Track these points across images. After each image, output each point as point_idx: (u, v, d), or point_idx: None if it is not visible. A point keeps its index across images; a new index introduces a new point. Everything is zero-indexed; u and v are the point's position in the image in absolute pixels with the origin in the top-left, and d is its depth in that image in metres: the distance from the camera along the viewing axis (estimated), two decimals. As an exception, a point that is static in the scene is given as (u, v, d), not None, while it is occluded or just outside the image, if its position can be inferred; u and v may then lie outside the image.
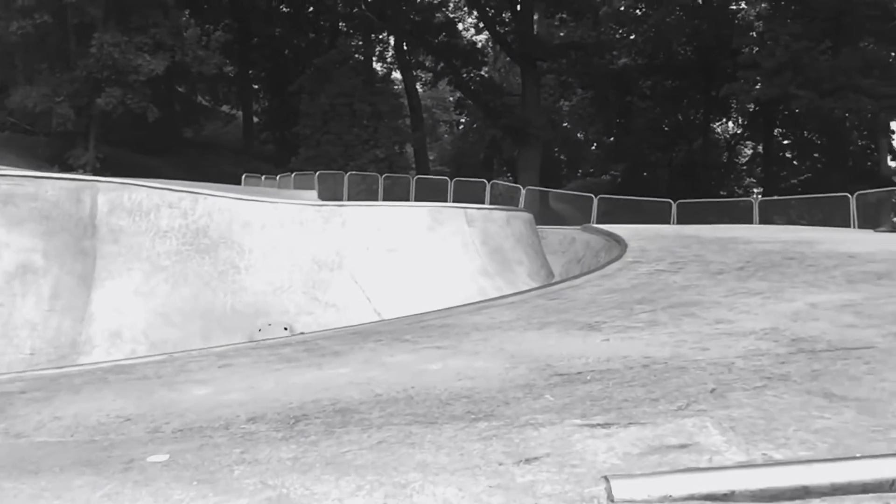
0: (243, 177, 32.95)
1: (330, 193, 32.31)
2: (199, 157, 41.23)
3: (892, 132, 40.26)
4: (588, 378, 2.83)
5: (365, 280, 10.85)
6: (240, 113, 50.13)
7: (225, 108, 52.44)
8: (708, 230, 9.87)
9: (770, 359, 2.99)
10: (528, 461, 1.96)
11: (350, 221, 11.63)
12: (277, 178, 32.64)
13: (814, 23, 30.09)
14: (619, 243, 7.72)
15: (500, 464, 1.95)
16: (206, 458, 2.11)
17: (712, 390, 2.54)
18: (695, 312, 4.17)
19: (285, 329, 5.62)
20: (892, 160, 43.42)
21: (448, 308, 4.79)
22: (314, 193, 24.85)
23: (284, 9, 45.13)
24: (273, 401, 2.72)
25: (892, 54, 33.73)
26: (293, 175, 32.03)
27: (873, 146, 40.49)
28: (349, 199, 31.46)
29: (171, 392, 3.02)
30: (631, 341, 3.55)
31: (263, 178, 33.25)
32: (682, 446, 2.02)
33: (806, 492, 1.76)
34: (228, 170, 36.69)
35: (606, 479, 1.83)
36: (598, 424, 2.23)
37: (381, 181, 31.75)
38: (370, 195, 32.27)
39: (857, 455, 1.89)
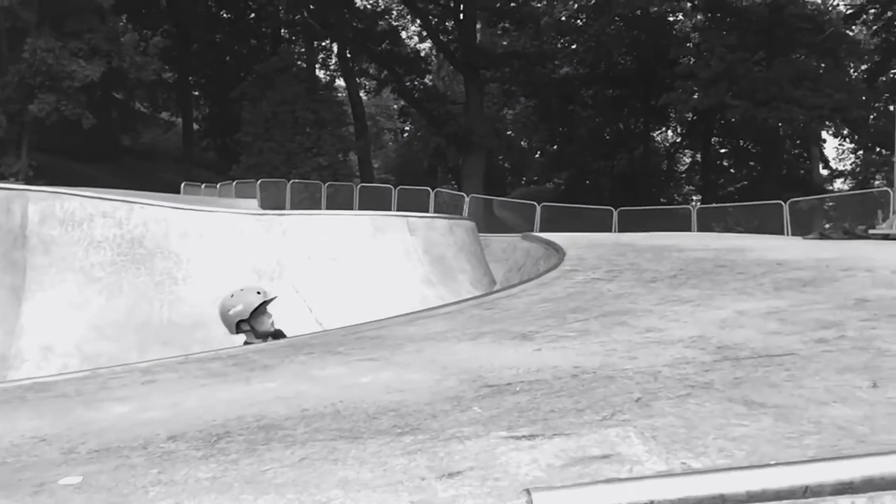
0: (182, 185, 32.39)
1: (272, 202, 32.00)
2: (138, 165, 40.41)
3: (824, 141, 41.69)
4: (517, 389, 2.83)
5: (306, 290, 10.75)
6: (179, 120, 49.35)
7: (164, 115, 51.55)
8: (644, 238, 10.03)
9: (695, 367, 3.04)
10: (451, 475, 1.95)
11: (291, 230, 11.52)
12: (218, 186, 32.19)
13: (747, 35, 30.96)
14: (558, 251, 7.79)
15: (423, 479, 1.94)
16: (120, 479, 2.05)
17: (637, 399, 2.57)
18: (626, 321, 4.22)
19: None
20: (823, 168, 44.96)
21: (383, 319, 4.77)
22: (255, 202, 24.55)
23: (225, 14, 44.61)
24: (196, 418, 2.66)
25: (823, 66, 34.90)
26: (234, 183, 31.66)
27: (806, 155, 41.84)
28: (291, 208, 31.19)
29: (90, 410, 2.93)
30: (562, 351, 3.57)
31: (203, 186, 32.74)
32: (605, 457, 2.03)
33: (723, 500, 1.78)
34: (168, 178, 36.04)
35: (528, 491, 1.83)
36: (524, 436, 2.23)
37: (324, 189, 31.56)
38: (313, 203, 32.07)
39: (772, 462, 1.92)
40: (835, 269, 5.68)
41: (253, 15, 44.41)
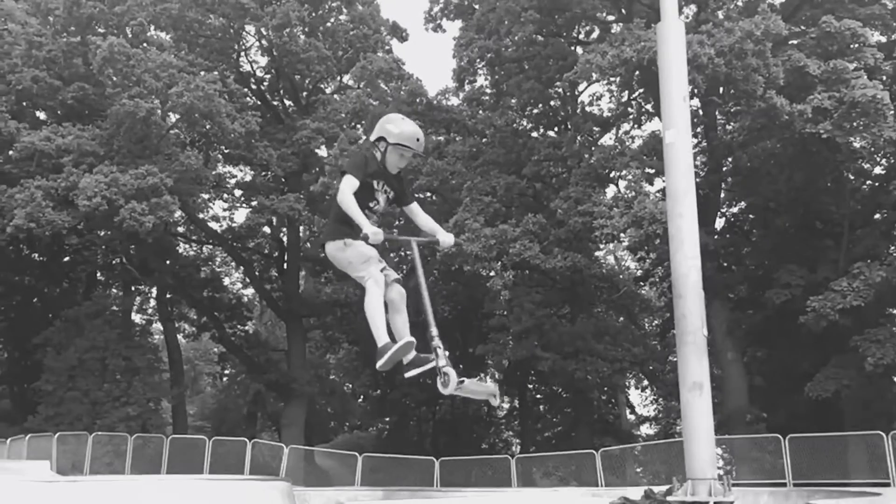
0: (-40, 444, 29.10)
1: (71, 457, 29.41)
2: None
3: (628, 388, 44.55)
4: None
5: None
6: (-28, 367, 45.25)
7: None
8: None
9: None
10: None
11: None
12: (8, 442, 29.15)
13: (553, 292, 33.54)
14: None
15: None
16: None
17: None
18: None
19: None
20: (630, 414, 47.62)
21: None
22: (46, 464, 22.20)
23: (37, 257, 42.77)
24: None
25: (621, 319, 38.11)
26: (27, 438, 28.81)
27: (614, 401, 44.31)
28: (92, 464, 28.81)
29: None
30: None
31: (-10, 443, 29.56)
32: None
33: None
34: (-52, 434, 32.35)
35: None
36: None
37: (130, 442, 29.47)
38: (117, 458, 29.77)
39: None
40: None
41: (67, 258, 42.86)
